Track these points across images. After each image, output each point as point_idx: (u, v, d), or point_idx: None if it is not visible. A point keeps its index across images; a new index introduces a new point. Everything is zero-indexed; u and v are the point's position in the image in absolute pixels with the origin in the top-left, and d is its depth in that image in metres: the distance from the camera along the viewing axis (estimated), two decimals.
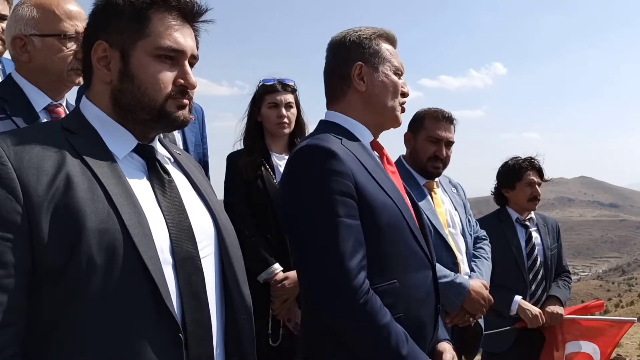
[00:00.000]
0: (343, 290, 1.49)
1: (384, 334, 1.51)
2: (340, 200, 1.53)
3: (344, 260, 1.50)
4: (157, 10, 1.27)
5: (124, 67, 1.25)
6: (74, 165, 1.16)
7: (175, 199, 1.29)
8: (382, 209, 1.61)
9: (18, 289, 1.09)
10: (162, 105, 1.27)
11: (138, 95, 1.26)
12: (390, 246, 1.62)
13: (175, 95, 1.29)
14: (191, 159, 1.54)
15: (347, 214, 1.53)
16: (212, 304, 1.29)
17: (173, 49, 1.27)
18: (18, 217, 1.09)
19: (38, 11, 1.88)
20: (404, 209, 1.69)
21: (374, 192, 1.61)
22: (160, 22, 1.26)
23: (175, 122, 1.30)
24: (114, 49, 1.26)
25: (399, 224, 1.65)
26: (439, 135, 2.79)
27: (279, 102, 2.84)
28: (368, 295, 1.51)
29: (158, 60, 1.26)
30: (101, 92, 1.29)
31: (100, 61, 1.27)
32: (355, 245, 1.52)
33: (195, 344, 1.21)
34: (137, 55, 1.25)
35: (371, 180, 1.63)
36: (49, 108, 1.94)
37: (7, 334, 1.07)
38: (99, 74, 1.28)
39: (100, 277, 1.10)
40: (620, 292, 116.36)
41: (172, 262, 1.21)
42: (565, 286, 3.65)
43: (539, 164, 3.72)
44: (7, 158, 1.12)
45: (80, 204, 1.12)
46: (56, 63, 1.89)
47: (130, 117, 1.28)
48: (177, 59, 1.29)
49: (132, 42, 1.25)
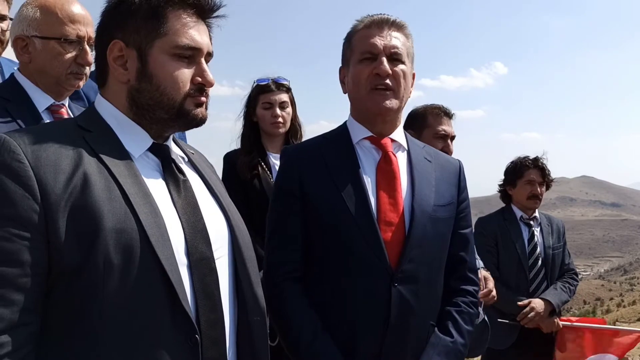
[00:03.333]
0: (264, 277, 1.71)
1: (286, 323, 1.68)
2: (280, 195, 1.77)
3: (269, 250, 1.76)
4: (173, 8, 1.26)
5: (142, 66, 1.24)
6: (91, 163, 1.15)
7: (190, 199, 1.28)
8: (326, 209, 1.68)
9: (34, 288, 1.08)
10: (181, 104, 1.27)
11: (157, 95, 1.25)
12: (329, 245, 1.69)
13: (194, 94, 1.28)
14: (204, 158, 1.53)
15: (283, 210, 1.75)
16: (226, 305, 1.28)
17: (190, 47, 1.26)
18: (35, 216, 1.08)
19: (41, 12, 1.87)
20: (360, 212, 1.66)
21: (322, 193, 1.70)
22: (176, 20, 1.25)
23: (193, 120, 1.30)
24: (131, 48, 1.25)
25: (344, 226, 1.66)
26: (446, 131, 2.78)
27: (273, 102, 2.84)
28: (283, 284, 1.69)
29: (176, 58, 1.25)
30: (117, 91, 1.28)
31: (116, 60, 1.26)
32: (284, 237, 1.73)
33: (209, 345, 1.21)
34: (155, 55, 1.24)
35: (327, 182, 1.70)
36: (51, 108, 1.94)
37: (22, 333, 1.07)
38: (115, 73, 1.27)
39: (117, 277, 1.09)
40: (622, 291, 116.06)
41: (187, 262, 1.20)
42: (565, 288, 3.63)
43: (543, 163, 3.73)
44: (25, 155, 1.10)
45: (97, 203, 1.11)
46: (55, 66, 1.88)
47: (148, 116, 1.27)
48: (194, 57, 1.28)
49: (149, 41, 1.24)
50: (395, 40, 1.72)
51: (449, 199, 1.80)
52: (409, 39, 1.78)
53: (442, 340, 1.71)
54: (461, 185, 1.87)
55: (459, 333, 1.74)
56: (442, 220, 1.76)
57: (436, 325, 1.75)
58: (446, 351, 1.70)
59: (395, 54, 1.71)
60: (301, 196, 1.71)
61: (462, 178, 1.88)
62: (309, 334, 1.63)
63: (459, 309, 1.78)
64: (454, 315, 1.77)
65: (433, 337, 1.71)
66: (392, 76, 1.70)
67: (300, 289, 1.70)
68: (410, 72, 1.76)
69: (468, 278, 1.85)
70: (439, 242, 1.76)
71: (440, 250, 1.77)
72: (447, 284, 1.80)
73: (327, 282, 1.69)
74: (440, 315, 1.77)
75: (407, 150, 1.82)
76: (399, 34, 1.75)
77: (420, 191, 1.74)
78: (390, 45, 1.70)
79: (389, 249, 1.65)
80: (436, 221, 1.74)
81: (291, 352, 1.68)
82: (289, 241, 1.72)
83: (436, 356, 1.68)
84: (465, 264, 1.84)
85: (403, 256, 1.66)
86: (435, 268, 1.76)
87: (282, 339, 1.72)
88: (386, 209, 1.69)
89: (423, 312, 1.70)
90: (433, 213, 1.73)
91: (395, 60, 1.71)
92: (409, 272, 1.66)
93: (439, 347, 1.70)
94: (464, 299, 1.81)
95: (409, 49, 1.76)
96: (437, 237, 1.74)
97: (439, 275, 1.78)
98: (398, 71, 1.71)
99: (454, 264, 1.82)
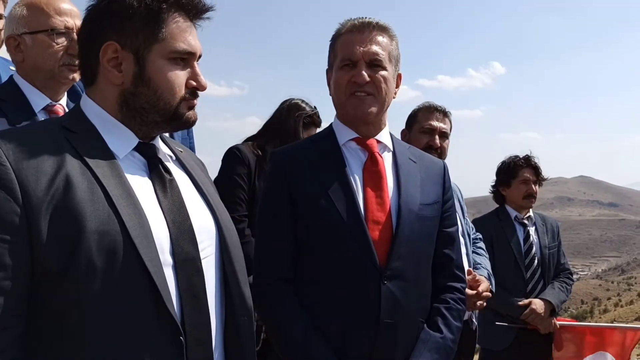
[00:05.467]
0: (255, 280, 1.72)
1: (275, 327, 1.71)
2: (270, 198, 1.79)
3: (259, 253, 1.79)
4: (170, 11, 1.25)
5: (140, 70, 1.24)
6: (74, 165, 1.15)
7: (177, 198, 1.27)
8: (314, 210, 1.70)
9: (17, 291, 1.08)
10: (177, 108, 1.27)
11: (153, 99, 1.25)
12: (318, 246, 1.70)
13: (188, 97, 1.29)
14: (193, 156, 1.53)
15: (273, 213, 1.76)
16: (212, 305, 1.28)
17: (188, 52, 1.27)
18: (17, 219, 1.07)
19: (28, 9, 1.89)
20: (348, 211, 1.68)
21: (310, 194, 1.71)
22: (174, 24, 1.25)
23: (187, 123, 1.32)
24: (127, 51, 1.23)
25: (331, 225, 1.68)
26: (432, 126, 2.77)
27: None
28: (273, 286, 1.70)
29: (172, 62, 1.26)
30: (107, 92, 1.27)
31: (109, 62, 1.24)
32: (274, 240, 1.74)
33: (194, 346, 1.20)
34: (153, 59, 1.24)
35: (315, 183, 1.72)
36: (47, 108, 1.94)
37: (6, 337, 1.06)
38: (109, 75, 1.25)
39: (100, 280, 1.09)
40: (620, 291, 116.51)
41: (172, 263, 1.20)
42: (562, 288, 3.64)
43: (536, 162, 3.74)
44: (6, 158, 1.10)
45: (79, 205, 1.10)
46: (47, 59, 1.89)
47: (139, 118, 1.27)
48: (188, 60, 1.29)
49: (147, 45, 1.23)
50: (376, 46, 1.74)
51: (434, 198, 1.83)
52: (392, 40, 1.80)
53: (432, 336, 1.73)
54: (446, 185, 1.90)
55: (448, 329, 1.77)
56: (429, 219, 1.80)
57: (425, 322, 1.77)
58: (436, 347, 1.72)
59: (376, 60, 1.73)
60: (290, 199, 1.72)
61: (447, 178, 1.92)
62: (300, 333, 1.64)
63: (448, 305, 1.81)
64: (442, 312, 1.79)
65: (423, 334, 1.74)
66: (372, 82, 1.73)
67: (291, 290, 1.71)
68: (392, 75, 1.79)
69: (455, 275, 1.88)
70: (425, 240, 1.79)
71: (427, 248, 1.81)
72: (435, 281, 1.84)
73: (316, 282, 1.70)
74: (429, 312, 1.79)
75: (393, 151, 1.86)
76: (381, 37, 1.76)
77: (406, 190, 1.77)
78: (371, 52, 1.72)
79: (377, 248, 1.67)
80: (423, 220, 1.77)
81: (283, 352, 1.69)
82: (279, 244, 1.74)
83: (427, 352, 1.70)
84: (452, 261, 1.88)
85: (391, 254, 1.68)
86: (423, 266, 1.79)
87: (274, 340, 1.73)
88: (373, 208, 1.71)
89: (412, 309, 1.73)
90: (419, 212, 1.76)
91: (375, 66, 1.73)
92: (398, 269, 1.69)
93: (430, 343, 1.72)
94: (452, 295, 1.84)
95: (391, 51, 1.78)
96: (423, 235, 1.77)
97: (427, 273, 1.81)
98: (378, 77, 1.73)
99: (441, 262, 1.85)
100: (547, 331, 3.51)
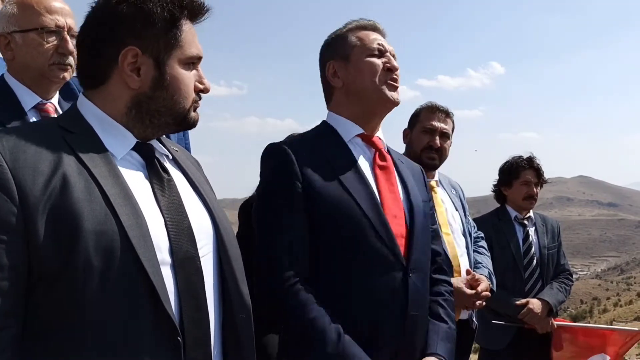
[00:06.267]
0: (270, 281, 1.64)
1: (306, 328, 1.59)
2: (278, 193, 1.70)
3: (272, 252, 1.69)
4: (184, 17, 1.28)
5: (159, 75, 1.25)
6: (71, 165, 1.14)
7: (175, 198, 1.27)
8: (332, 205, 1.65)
9: (14, 292, 1.07)
10: (189, 111, 1.31)
11: (170, 103, 1.27)
12: (337, 242, 1.65)
13: (196, 100, 1.33)
14: (189, 156, 1.53)
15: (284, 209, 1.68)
16: (210, 303, 1.28)
17: (199, 57, 1.30)
18: (13, 219, 1.07)
19: (18, 7, 1.88)
20: (369, 205, 1.67)
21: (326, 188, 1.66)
22: (187, 30, 1.28)
23: (194, 124, 1.35)
24: (147, 56, 1.24)
25: (353, 220, 1.65)
26: (433, 125, 2.77)
27: None
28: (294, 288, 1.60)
29: (186, 67, 1.29)
30: (117, 95, 1.26)
31: (128, 66, 1.24)
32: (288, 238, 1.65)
33: (193, 345, 1.20)
34: (172, 64, 1.26)
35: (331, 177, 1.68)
36: (38, 107, 1.92)
37: (3, 337, 1.06)
38: (127, 79, 1.24)
39: (97, 280, 1.09)
40: (619, 291, 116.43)
41: (171, 261, 1.19)
42: (560, 288, 3.64)
43: (538, 163, 3.74)
44: (3, 158, 1.09)
45: (76, 205, 1.10)
46: (36, 58, 1.87)
47: (149, 120, 1.28)
48: (195, 64, 1.32)
49: (168, 50, 1.25)
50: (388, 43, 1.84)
51: (425, 196, 1.90)
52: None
53: (440, 327, 1.79)
54: (426, 186, 1.98)
55: (450, 319, 1.85)
56: (429, 215, 1.89)
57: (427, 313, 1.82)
58: (447, 336, 1.79)
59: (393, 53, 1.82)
60: (303, 193, 1.65)
61: (426, 180, 2.01)
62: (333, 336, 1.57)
63: (444, 297, 1.89)
64: (442, 303, 1.86)
65: (431, 325, 1.78)
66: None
67: (313, 291, 1.63)
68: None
69: (443, 269, 1.95)
70: (429, 235, 1.85)
71: (429, 242, 1.86)
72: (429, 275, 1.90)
73: (337, 277, 1.65)
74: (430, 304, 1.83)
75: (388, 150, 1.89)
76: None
77: (412, 187, 1.83)
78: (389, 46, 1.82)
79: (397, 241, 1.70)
80: (426, 215, 1.84)
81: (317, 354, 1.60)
82: (295, 241, 1.64)
83: (441, 342, 1.75)
84: (440, 255, 1.95)
85: (410, 247, 1.72)
86: (429, 260, 1.85)
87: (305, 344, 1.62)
88: (390, 203, 1.73)
89: (427, 301, 1.80)
90: (424, 207, 1.84)
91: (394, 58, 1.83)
92: (418, 262, 1.73)
93: (440, 333, 1.77)
94: (445, 288, 1.91)
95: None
96: (427, 230, 1.84)
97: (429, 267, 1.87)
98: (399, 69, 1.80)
99: (433, 257, 1.90)
100: (545, 331, 3.51)
